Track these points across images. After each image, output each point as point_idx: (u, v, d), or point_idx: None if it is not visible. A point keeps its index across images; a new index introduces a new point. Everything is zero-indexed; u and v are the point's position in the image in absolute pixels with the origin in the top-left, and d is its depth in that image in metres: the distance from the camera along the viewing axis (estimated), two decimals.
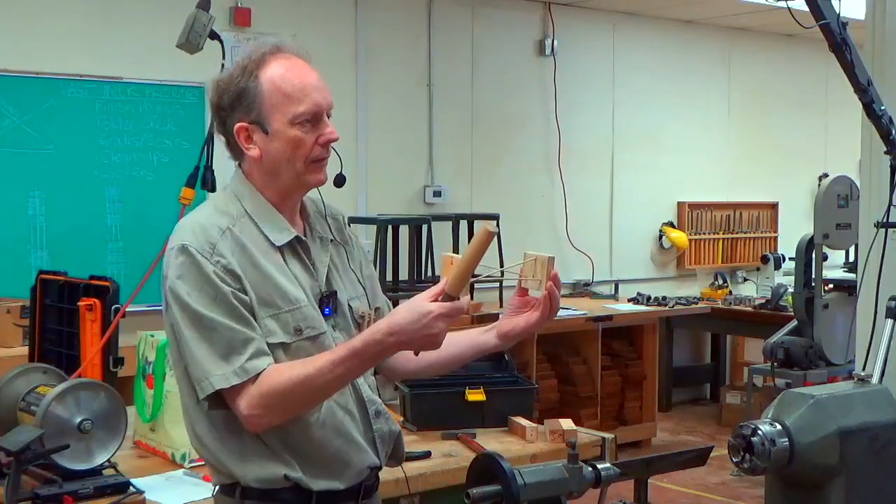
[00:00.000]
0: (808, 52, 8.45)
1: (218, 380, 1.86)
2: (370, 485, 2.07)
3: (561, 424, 3.13)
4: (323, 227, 2.09)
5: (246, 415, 1.86)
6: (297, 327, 1.94)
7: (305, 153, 1.95)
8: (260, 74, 1.95)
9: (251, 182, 2.01)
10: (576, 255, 7.56)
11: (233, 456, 1.94)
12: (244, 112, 1.95)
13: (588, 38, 7.71)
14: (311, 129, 1.95)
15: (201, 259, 1.89)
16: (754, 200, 8.75)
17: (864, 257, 3.41)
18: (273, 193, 2.00)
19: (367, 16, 6.58)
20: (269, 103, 1.94)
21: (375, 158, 6.63)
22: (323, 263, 2.04)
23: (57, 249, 5.37)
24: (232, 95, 1.96)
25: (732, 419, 7.02)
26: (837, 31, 3.00)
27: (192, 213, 2.00)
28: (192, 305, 1.88)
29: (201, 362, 1.87)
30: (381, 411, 2.07)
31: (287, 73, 1.96)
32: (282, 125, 1.94)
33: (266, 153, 1.96)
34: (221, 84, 1.98)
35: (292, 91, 1.94)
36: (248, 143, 1.97)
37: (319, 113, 1.96)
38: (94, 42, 5.56)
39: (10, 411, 2.65)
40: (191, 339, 1.88)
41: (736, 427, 1.78)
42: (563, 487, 1.74)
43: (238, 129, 1.96)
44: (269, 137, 1.95)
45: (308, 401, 1.89)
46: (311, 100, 1.95)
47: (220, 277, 1.88)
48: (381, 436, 2.06)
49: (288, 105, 1.93)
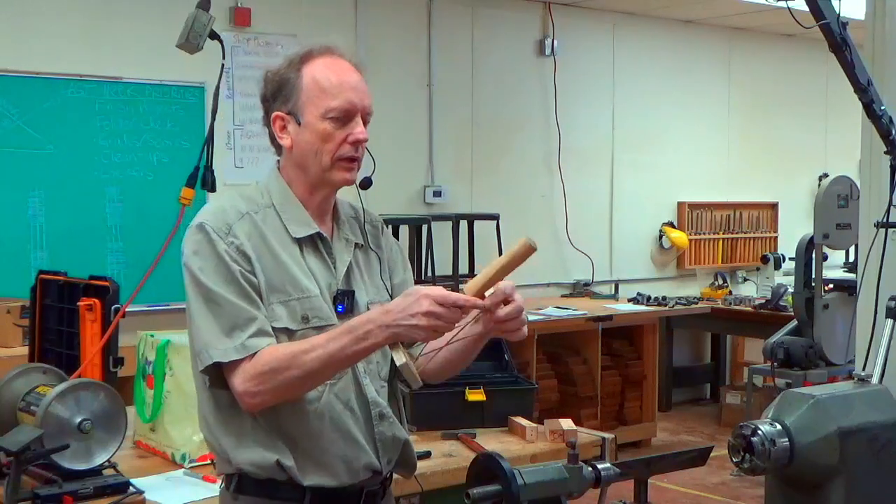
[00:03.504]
0: (808, 52, 8.45)
1: (217, 353, 1.89)
2: (373, 490, 2.05)
3: (561, 424, 3.13)
4: (354, 232, 2.11)
5: (240, 391, 1.88)
6: (304, 315, 1.96)
7: (333, 148, 1.99)
8: (303, 68, 2.00)
9: (283, 176, 2.05)
10: (576, 255, 7.57)
11: (231, 438, 1.96)
12: (282, 102, 2.01)
13: (588, 38, 7.71)
14: (342, 125, 1.99)
15: (215, 237, 1.93)
16: (754, 200, 8.75)
17: (864, 257, 3.40)
18: (301, 188, 2.04)
19: (367, 16, 6.58)
20: (305, 95, 1.98)
21: (376, 158, 6.60)
22: (344, 262, 2.05)
23: (57, 249, 5.37)
24: (274, 85, 2.02)
25: (732, 419, 7.02)
26: (837, 31, 3.00)
27: (220, 198, 2.08)
28: (203, 280, 1.92)
29: (204, 334, 1.91)
30: (387, 415, 2.06)
31: (327, 70, 2.00)
32: (314, 118, 1.98)
33: (296, 144, 2.00)
34: (269, 74, 2.04)
35: (329, 86, 1.98)
36: (282, 132, 2.02)
37: (352, 111, 1.99)
38: (94, 42, 5.56)
39: (10, 411, 2.65)
40: (197, 313, 1.92)
41: (736, 427, 1.78)
42: (563, 487, 1.74)
43: (274, 118, 2.02)
44: (301, 128, 1.99)
45: (302, 379, 1.88)
46: (345, 97, 1.98)
47: (230, 256, 1.92)
48: (382, 439, 2.04)
49: (322, 99, 1.98)
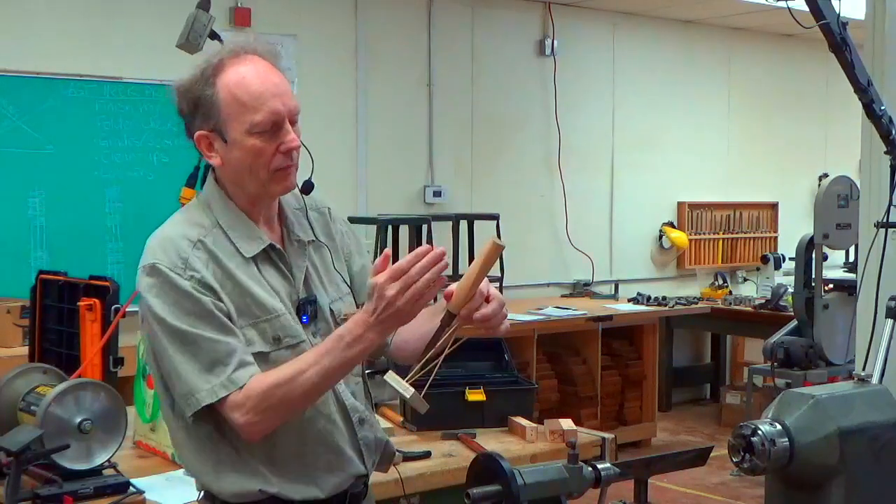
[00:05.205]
0: (808, 52, 8.46)
1: (204, 394, 1.81)
2: (357, 493, 2.04)
3: (561, 424, 3.12)
4: (303, 228, 2.03)
5: (242, 423, 1.82)
6: (275, 336, 1.90)
7: (266, 162, 1.87)
8: (217, 81, 1.86)
9: (221, 188, 1.96)
10: (576, 255, 7.57)
11: (208, 468, 1.91)
12: (203, 120, 1.89)
13: (588, 38, 7.72)
14: (271, 137, 1.87)
15: (174, 276, 1.84)
16: (754, 200, 8.75)
17: (864, 257, 3.41)
18: (242, 201, 1.94)
19: (367, 16, 6.58)
20: (225, 112, 1.86)
21: (375, 158, 6.64)
22: (300, 269, 1.99)
23: (57, 249, 5.37)
24: (191, 103, 1.89)
25: (732, 419, 7.02)
26: (837, 31, 3.00)
27: (162, 227, 1.93)
28: (171, 322, 1.83)
29: (186, 378, 1.82)
30: (366, 419, 2.04)
31: (244, 80, 1.86)
32: (239, 134, 1.86)
33: (227, 162, 1.90)
34: (181, 89, 1.90)
35: (248, 99, 1.85)
36: (209, 150, 1.91)
37: (279, 121, 1.87)
38: (94, 42, 5.56)
39: (10, 411, 2.65)
40: (173, 356, 1.83)
41: (736, 427, 1.78)
42: (563, 487, 1.74)
43: (199, 138, 1.90)
44: (228, 146, 1.88)
45: (303, 399, 1.84)
46: (268, 108, 1.85)
47: (196, 290, 1.84)
48: (366, 444, 2.03)
49: (244, 114, 1.85)
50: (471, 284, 1.82)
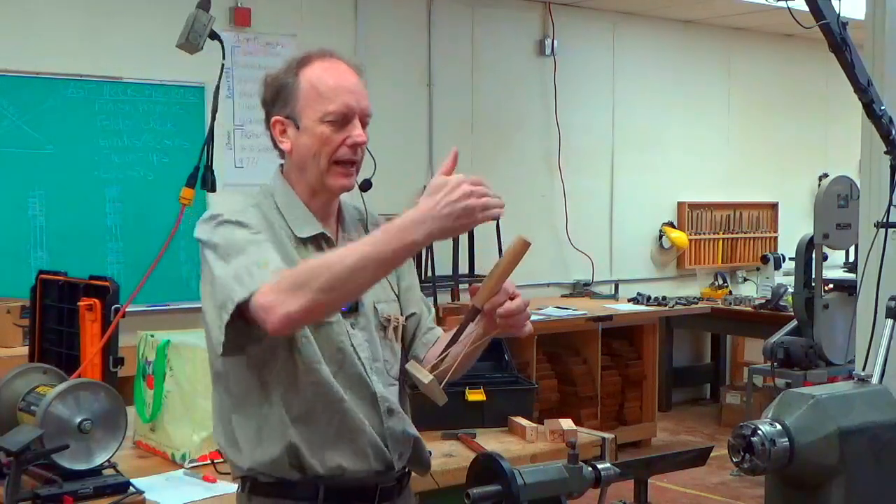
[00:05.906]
0: (808, 52, 8.45)
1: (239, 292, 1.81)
2: (388, 487, 2.05)
3: (561, 424, 3.13)
4: (359, 233, 2.11)
5: (263, 304, 1.77)
6: None
7: (331, 151, 2.00)
8: (300, 72, 2.02)
9: (286, 179, 2.07)
10: (576, 255, 7.57)
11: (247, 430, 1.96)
12: (281, 106, 2.02)
13: (588, 38, 7.71)
14: (340, 129, 2.00)
15: (230, 217, 1.94)
16: (754, 200, 8.75)
17: (864, 257, 3.41)
18: (303, 191, 2.05)
19: (367, 16, 6.58)
20: (303, 100, 2.00)
21: (376, 158, 6.61)
22: None
23: (57, 249, 5.37)
24: (273, 90, 2.04)
25: (732, 419, 7.02)
26: (837, 31, 3.00)
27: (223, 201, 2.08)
28: (219, 242, 1.90)
29: (225, 284, 1.84)
30: (395, 410, 2.06)
31: (324, 74, 2.01)
32: (311, 121, 1.99)
33: (296, 148, 2.02)
34: (268, 79, 2.06)
35: (325, 90, 1.99)
36: (281, 136, 2.03)
37: (350, 114, 2.00)
38: (94, 42, 5.56)
39: (10, 411, 2.65)
40: (216, 271, 1.87)
41: (736, 427, 1.78)
42: (563, 487, 1.74)
43: (274, 122, 2.04)
44: (299, 132, 2.01)
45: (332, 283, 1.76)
46: (342, 100, 1.99)
47: (249, 222, 1.93)
48: (392, 434, 2.04)
49: (319, 103, 1.99)
50: (496, 279, 1.83)
